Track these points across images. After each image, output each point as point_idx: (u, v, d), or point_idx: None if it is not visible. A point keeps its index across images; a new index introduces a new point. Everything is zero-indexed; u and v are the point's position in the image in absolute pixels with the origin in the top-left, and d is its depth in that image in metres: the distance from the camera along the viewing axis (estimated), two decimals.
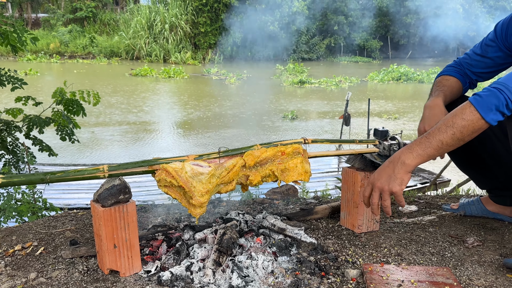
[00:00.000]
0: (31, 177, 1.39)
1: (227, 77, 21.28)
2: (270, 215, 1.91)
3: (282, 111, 13.76)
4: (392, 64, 22.68)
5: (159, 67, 24.19)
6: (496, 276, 1.52)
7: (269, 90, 18.63)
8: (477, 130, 1.36)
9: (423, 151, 1.41)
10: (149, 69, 22.20)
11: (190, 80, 21.07)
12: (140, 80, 20.78)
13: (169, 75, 21.36)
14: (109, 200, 1.42)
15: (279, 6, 28.00)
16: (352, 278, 1.50)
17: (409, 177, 1.42)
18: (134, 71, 21.94)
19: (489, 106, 1.33)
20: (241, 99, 16.19)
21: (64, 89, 3.77)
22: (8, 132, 3.76)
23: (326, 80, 20.15)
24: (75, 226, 2.02)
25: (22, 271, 1.57)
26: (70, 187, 6.57)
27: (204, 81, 21.09)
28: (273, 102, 15.58)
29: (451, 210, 2.16)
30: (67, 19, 31.67)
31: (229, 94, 17.62)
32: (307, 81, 19.97)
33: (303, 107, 14.51)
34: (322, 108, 14.70)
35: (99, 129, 11.57)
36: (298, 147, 1.73)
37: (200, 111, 13.81)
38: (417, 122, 1.91)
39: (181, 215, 2.17)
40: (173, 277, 1.45)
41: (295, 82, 19.88)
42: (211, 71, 23.28)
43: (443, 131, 1.38)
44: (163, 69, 22.40)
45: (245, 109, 14.24)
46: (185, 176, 1.50)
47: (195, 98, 16.33)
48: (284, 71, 22.95)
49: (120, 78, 21.07)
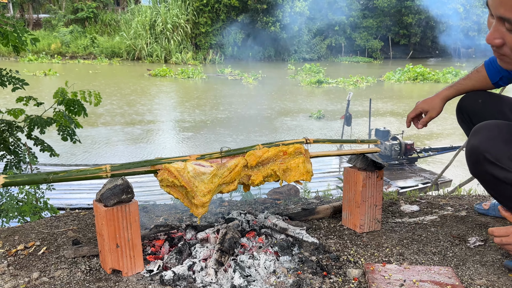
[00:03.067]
0: (33, 177, 1.39)
1: (243, 77, 21.44)
2: (271, 215, 1.92)
3: (306, 110, 13.79)
4: (407, 64, 22.74)
5: (161, 67, 24.31)
6: (498, 276, 1.52)
7: (288, 89, 18.71)
8: (481, 78, 1.82)
9: (450, 86, 1.93)
10: (167, 69, 22.50)
11: (209, 80, 21.22)
12: (161, 80, 21.00)
13: (188, 76, 21.60)
14: (111, 199, 1.42)
15: (280, 6, 28.01)
16: (354, 277, 1.50)
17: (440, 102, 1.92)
18: (153, 71, 22.17)
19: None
20: (263, 99, 16.24)
21: (65, 89, 3.78)
22: (9, 132, 3.76)
23: (343, 80, 20.23)
24: (77, 226, 2.02)
25: (24, 271, 1.57)
26: (72, 187, 6.58)
27: (222, 81, 21.19)
28: (295, 102, 15.66)
29: (482, 210, 2.13)
30: (68, 20, 31.73)
31: (250, 94, 17.74)
32: (324, 80, 20.05)
33: (327, 107, 14.48)
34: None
35: (139, 128, 11.81)
36: (300, 147, 1.73)
37: (228, 111, 13.95)
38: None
39: (183, 215, 2.17)
40: (176, 277, 1.46)
41: (312, 82, 19.95)
42: (225, 71, 23.38)
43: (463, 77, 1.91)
44: (180, 69, 22.66)
45: (268, 109, 14.30)
46: (187, 176, 1.50)
47: (221, 98, 16.45)
48: (300, 71, 22.95)
49: (140, 78, 21.34)
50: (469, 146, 1.45)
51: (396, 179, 7.41)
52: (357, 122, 11.72)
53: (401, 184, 7.13)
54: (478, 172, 1.45)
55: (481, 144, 1.39)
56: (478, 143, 1.40)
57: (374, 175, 1.85)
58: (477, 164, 1.42)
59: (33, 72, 20.97)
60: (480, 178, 1.47)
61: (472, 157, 1.44)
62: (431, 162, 9.11)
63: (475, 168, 1.45)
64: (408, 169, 7.94)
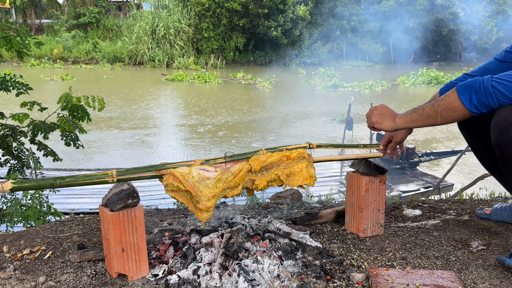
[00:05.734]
0: (41, 182, 1.41)
1: (257, 82, 21.60)
2: (275, 219, 1.93)
3: (326, 114, 13.83)
4: (421, 68, 22.87)
5: (163, 72, 24.40)
6: (501, 279, 1.53)
7: (304, 93, 18.82)
8: (452, 108, 1.51)
9: (410, 113, 1.66)
10: (183, 74, 22.80)
11: (225, 85, 21.36)
12: (179, 85, 21.23)
13: (205, 80, 21.85)
14: (117, 204, 1.44)
15: (282, 11, 28.10)
16: (358, 282, 1.52)
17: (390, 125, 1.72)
18: (170, 76, 22.47)
19: (467, 88, 1.48)
20: (282, 103, 16.31)
21: (70, 94, 3.81)
22: (13, 137, 3.79)
23: (358, 84, 20.32)
24: (82, 231, 2.04)
25: (31, 275, 1.58)
26: (74, 191, 6.60)
27: (238, 85, 21.34)
28: (315, 105, 15.73)
29: (484, 215, 2.14)
30: (71, 25, 31.91)
31: (268, 98, 17.85)
32: (340, 84, 20.12)
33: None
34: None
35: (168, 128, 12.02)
36: (303, 152, 1.74)
37: (249, 115, 14.09)
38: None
39: (187, 219, 2.19)
40: (181, 281, 1.47)
41: (328, 85, 20.04)
42: (237, 76, 23.53)
43: (428, 103, 1.62)
44: (195, 74, 22.90)
45: (289, 113, 14.38)
46: (192, 181, 1.52)
47: (241, 102, 16.57)
48: (314, 75, 23.09)
49: (158, 83, 21.57)
50: (498, 116, 1.47)
51: (398, 183, 7.42)
52: (359, 127, 11.73)
53: (403, 188, 7.14)
54: (503, 141, 1.47)
55: (511, 114, 1.43)
56: (508, 113, 1.43)
57: (377, 180, 1.86)
58: (504, 133, 1.46)
59: (50, 77, 21.20)
60: (504, 148, 1.49)
61: (500, 126, 1.47)
62: (433, 167, 9.11)
63: (501, 136, 1.48)
64: (410, 173, 7.95)
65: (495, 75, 1.46)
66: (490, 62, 1.87)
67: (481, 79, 1.47)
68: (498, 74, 1.46)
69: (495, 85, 1.43)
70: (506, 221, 2.07)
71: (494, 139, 1.52)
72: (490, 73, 1.53)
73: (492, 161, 1.93)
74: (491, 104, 1.45)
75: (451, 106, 1.51)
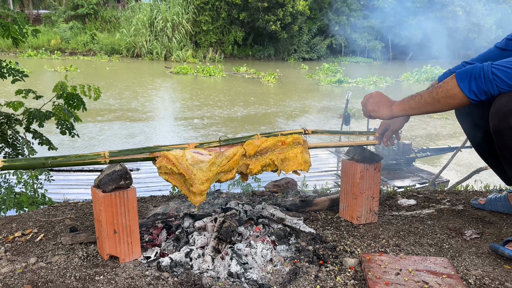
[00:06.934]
0: (32, 161, 1.40)
1: (260, 76, 21.53)
2: (269, 205, 1.92)
3: (332, 109, 13.79)
4: (425, 65, 22.88)
5: (162, 64, 24.26)
6: (494, 267, 1.53)
7: (309, 88, 18.75)
8: (451, 95, 1.50)
9: (408, 101, 1.66)
10: (188, 67, 22.71)
11: (230, 79, 21.24)
12: (184, 78, 21.12)
13: (209, 74, 21.78)
14: (109, 185, 1.42)
15: (281, 5, 27.97)
16: (350, 266, 1.51)
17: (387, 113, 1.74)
18: (174, 69, 22.37)
19: (466, 75, 1.46)
20: (288, 97, 16.25)
21: (65, 83, 3.78)
22: (8, 125, 3.76)
23: (363, 80, 20.29)
24: (75, 215, 2.03)
25: (22, 256, 1.57)
26: (70, 182, 6.58)
27: (243, 80, 21.21)
28: (321, 100, 15.72)
29: (478, 205, 2.14)
30: (68, 16, 31.66)
31: (274, 92, 17.75)
32: (344, 80, 20.09)
33: (353, 105, 14.55)
34: None
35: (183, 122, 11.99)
36: (298, 137, 1.73)
37: (260, 108, 14.03)
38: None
39: (181, 205, 2.17)
40: (173, 263, 1.46)
41: (333, 81, 19.98)
42: (240, 70, 23.47)
43: (426, 90, 1.61)
44: (198, 67, 22.83)
45: (296, 108, 14.33)
46: (185, 164, 1.51)
47: (250, 96, 16.47)
48: (317, 70, 23.00)
49: (163, 76, 21.47)
50: (497, 103, 1.47)
51: (394, 178, 7.42)
52: (357, 121, 11.72)
53: (398, 183, 7.13)
54: (502, 129, 1.47)
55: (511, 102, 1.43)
56: (508, 101, 1.43)
57: (372, 167, 1.86)
58: (503, 120, 1.45)
59: (54, 68, 21.08)
60: (503, 135, 1.49)
61: (499, 114, 1.46)
62: (429, 163, 9.12)
63: (500, 124, 1.48)
64: (406, 169, 7.95)
65: (495, 62, 1.44)
66: (491, 50, 1.85)
67: (480, 66, 1.45)
68: (498, 61, 1.44)
69: (495, 71, 1.42)
70: (500, 211, 2.07)
71: (493, 126, 1.51)
72: (491, 60, 1.49)
73: (488, 151, 1.92)
74: (490, 91, 1.44)
75: (450, 93, 1.50)
